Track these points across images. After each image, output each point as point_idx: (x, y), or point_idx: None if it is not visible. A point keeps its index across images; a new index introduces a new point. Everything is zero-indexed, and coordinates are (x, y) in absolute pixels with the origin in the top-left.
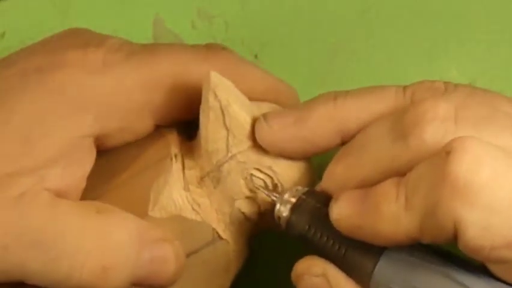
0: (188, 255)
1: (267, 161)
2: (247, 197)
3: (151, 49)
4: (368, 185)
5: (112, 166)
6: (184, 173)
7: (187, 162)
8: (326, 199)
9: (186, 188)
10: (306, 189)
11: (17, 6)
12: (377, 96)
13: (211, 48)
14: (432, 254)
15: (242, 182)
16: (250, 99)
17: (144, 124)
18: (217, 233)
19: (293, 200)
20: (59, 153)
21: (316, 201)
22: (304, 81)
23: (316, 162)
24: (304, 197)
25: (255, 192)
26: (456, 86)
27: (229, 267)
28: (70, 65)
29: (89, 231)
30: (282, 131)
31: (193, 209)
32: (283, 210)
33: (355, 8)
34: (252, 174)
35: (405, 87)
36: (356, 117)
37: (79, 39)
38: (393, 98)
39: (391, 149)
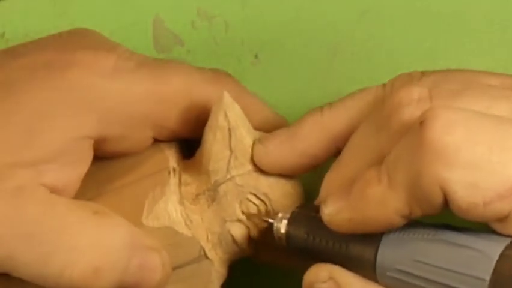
0: (172, 269)
1: (264, 187)
2: (239, 220)
3: (161, 63)
4: None
5: (106, 173)
6: (180, 187)
7: (184, 178)
8: (319, 208)
9: (181, 203)
10: (297, 204)
11: (17, 6)
12: (358, 96)
13: (218, 73)
14: (427, 226)
15: (237, 204)
16: None
17: (144, 135)
18: (204, 251)
19: (287, 215)
20: (59, 150)
21: (310, 211)
22: (304, 81)
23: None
24: (297, 210)
25: (247, 217)
26: (433, 71)
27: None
28: (80, 65)
29: (85, 230)
30: (277, 148)
31: (186, 224)
32: (280, 227)
33: (355, 8)
34: (247, 199)
35: (384, 84)
36: (342, 120)
37: (89, 40)
38: (374, 94)
39: (376, 141)
